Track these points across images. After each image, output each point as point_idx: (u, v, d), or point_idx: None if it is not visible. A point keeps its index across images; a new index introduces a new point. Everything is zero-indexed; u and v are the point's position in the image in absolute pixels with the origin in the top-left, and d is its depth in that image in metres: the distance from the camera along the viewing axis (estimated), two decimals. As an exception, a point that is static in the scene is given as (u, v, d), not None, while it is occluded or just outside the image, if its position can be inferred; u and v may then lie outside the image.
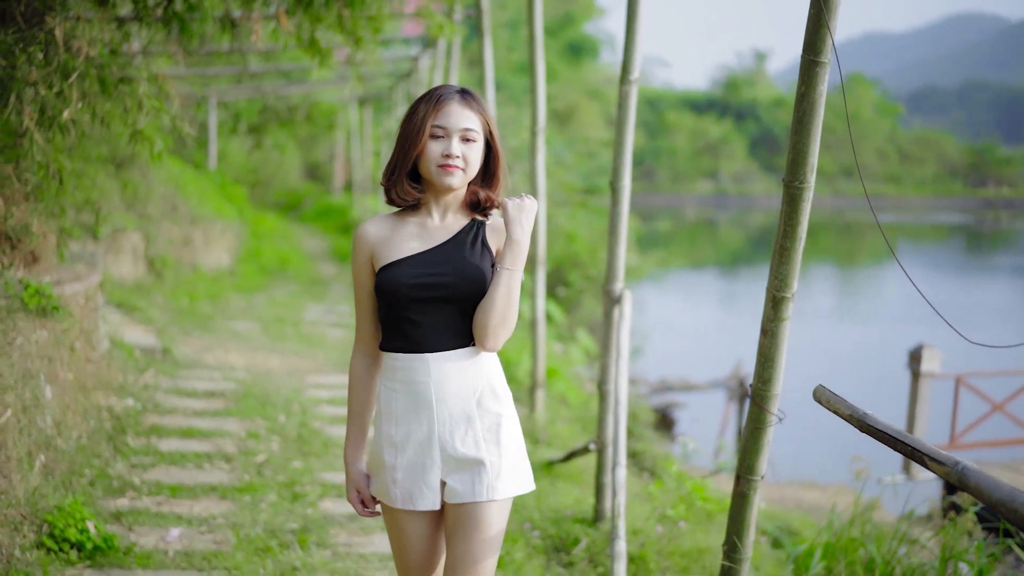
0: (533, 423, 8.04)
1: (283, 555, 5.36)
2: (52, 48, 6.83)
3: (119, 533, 5.47)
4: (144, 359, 9.60)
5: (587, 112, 59.79)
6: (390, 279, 3.14)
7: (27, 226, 7.01)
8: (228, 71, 19.91)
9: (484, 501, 3.15)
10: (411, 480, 3.19)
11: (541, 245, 8.13)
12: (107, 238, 12.91)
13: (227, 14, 8.64)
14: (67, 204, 8.30)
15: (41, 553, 4.97)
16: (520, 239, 3.12)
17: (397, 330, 3.18)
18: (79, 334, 7.21)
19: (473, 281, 3.13)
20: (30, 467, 5.48)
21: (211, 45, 11.96)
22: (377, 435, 3.27)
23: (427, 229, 3.23)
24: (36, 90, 6.74)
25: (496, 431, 3.20)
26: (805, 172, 3.53)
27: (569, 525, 5.77)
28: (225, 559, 5.27)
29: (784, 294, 3.68)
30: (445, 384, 3.15)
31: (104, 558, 5.13)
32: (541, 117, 7.80)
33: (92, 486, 6.07)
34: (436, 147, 3.13)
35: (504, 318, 3.12)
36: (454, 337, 3.16)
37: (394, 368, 3.20)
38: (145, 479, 6.49)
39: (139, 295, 12.65)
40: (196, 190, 17.56)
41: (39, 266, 7.17)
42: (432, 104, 3.14)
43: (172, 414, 8.15)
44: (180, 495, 6.28)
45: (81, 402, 6.94)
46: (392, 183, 3.21)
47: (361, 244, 3.24)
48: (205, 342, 11.41)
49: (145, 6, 7.85)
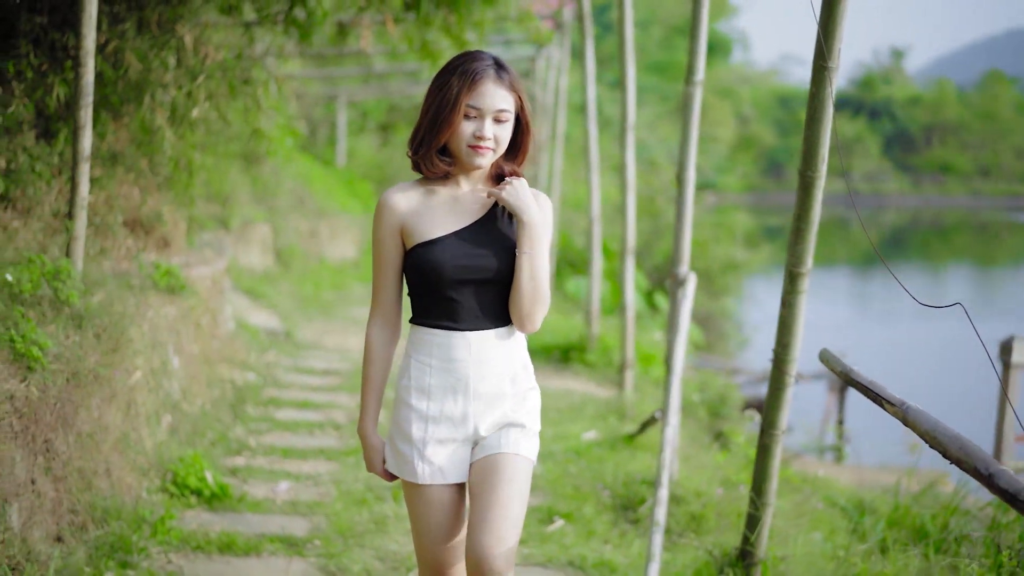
0: (621, 400, 8.55)
1: (377, 506, 5.97)
2: (182, 53, 7.57)
3: (234, 484, 6.15)
4: (268, 340, 10.38)
5: (717, 111, 59.63)
6: (429, 259, 3.12)
7: (159, 214, 7.76)
8: (355, 72, 20.78)
9: (511, 453, 3.18)
10: (442, 455, 3.19)
11: (630, 235, 8.63)
12: (238, 229, 13.77)
13: (339, 20, 9.32)
14: (197, 195, 9.07)
15: (165, 496, 5.68)
16: (531, 220, 3.11)
17: (436, 307, 3.17)
18: (205, 312, 7.94)
19: (509, 260, 3.15)
20: (157, 424, 6.20)
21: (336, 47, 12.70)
22: (403, 408, 3.24)
23: (459, 202, 3.20)
24: (168, 91, 7.49)
25: (523, 402, 3.25)
26: (817, 163, 4.01)
27: (637, 487, 6.28)
28: (326, 508, 5.91)
29: (800, 270, 4.15)
30: (484, 363, 3.17)
31: (219, 503, 5.82)
32: (631, 114, 8.28)
33: (213, 446, 6.77)
34: (468, 126, 3.09)
35: (535, 301, 3.13)
36: (493, 317, 3.18)
37: (430, 343, 3.19)
38: (261, 442, 7.18)
39: (266, 283, 13.47)
40: (323, 185, 18.43)
41: (170, 250, 7.92)
42: (467, 81, 3.07)
43: (289, 388, 8.87)
44: (291, 456, 6.95)
45: (206, 373, 7.67)
46: (420, 157, 3.17)
47: (388, 214, 3.19)
48: (325, 327, 12.18)
49: (267, 13, 8.56)
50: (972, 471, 2.61)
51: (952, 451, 2.72)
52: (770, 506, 4.48)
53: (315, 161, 20.62)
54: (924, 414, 2.96)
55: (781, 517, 5.78)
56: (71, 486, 4.81)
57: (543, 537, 5.59)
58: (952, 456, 2.72)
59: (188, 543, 5.15)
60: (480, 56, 3.13)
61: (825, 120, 3.96)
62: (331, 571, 5.02)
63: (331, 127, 23.90)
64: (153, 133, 7.45)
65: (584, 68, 10.51)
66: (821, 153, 3.99)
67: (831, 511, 6.75)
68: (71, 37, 6.59)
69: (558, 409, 8.37)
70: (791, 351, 4.25)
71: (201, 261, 8.35)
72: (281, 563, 5.06)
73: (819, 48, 3.88)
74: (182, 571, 4.86)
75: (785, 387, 4.30)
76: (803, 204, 4.06)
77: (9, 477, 4.20)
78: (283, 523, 5.62)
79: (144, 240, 7.61)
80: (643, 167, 20.83)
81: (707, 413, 8.95)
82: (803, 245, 4.12)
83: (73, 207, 5.67)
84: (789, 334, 4.23)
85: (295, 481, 6.39)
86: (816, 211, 4.08)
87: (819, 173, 4.01)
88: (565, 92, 14.93)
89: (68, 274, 5.30)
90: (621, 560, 5.23)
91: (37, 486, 4.47)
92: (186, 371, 7.13)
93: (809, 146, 4.00)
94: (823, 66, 3.88)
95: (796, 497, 6.68)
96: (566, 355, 10.64)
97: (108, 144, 7.30)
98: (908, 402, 3.06)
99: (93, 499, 4.98)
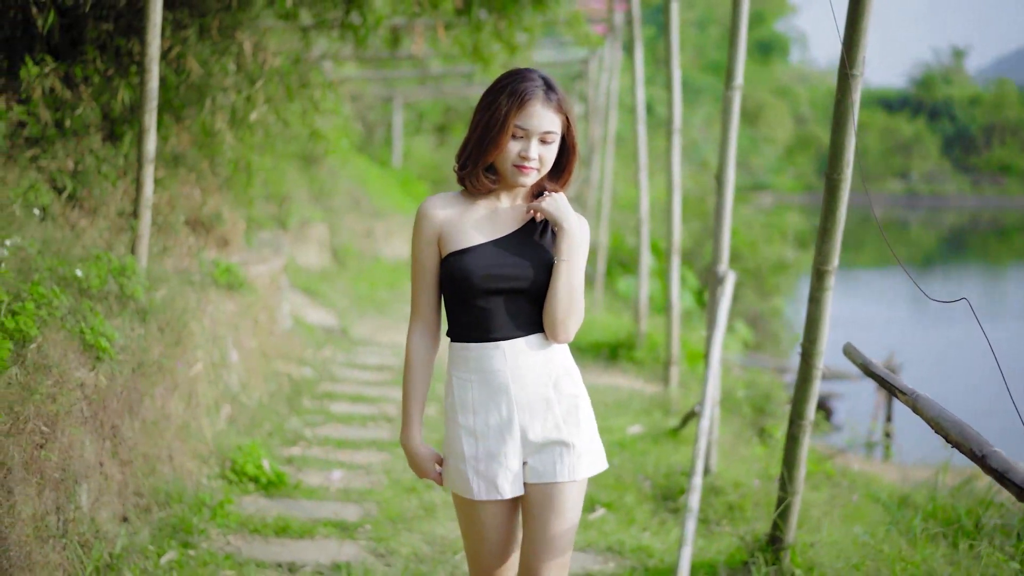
0: (666, 396, 8.74)
1: (426, 494, 6.22)
2: (241, 58, 7.86)
3: (289, 473, 6.42)
4: (324, 336, 10.67)
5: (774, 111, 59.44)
6: (461, 268, 3.15)
7: (219, 214, 8.06)
8: (411, 74, 21.10)
9: (566, 481, 3.20)
10: (493, 468, 3.18)
11: (676, 234, 8.81)
12: (295, 229, 14.10)
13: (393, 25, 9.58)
14: (256, 196, 9.38)
15: (224, 482, 5.96)
16: (571, 228, 3.14)
17: (469, 319, 3.20)
18: (263, 309, 8.23)
19: (544, 272, 3.17)
20: (217, 414, 6.48)
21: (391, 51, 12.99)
22: (452, 426, 3.25)
23: (497, 214, 3.24)
24: (228, 95, 7.78)
25: (575, 412, 3.23)
26: (842, 166, 4.20)
27: (678, 478, 6.48)
28: (377, 495, 6.16)
29: (826, 268, 4.34)
30: (522, 371, 3.17)
31: (275, 490, 6.09)
32: (677, 117, 8.45)
33: (270, 436, 7.05)
34: (515, 146, 3.12)
35: (570, 310, 3.15)
36: (527, 324, 3.19)
37: (467, 359, 3.21)
38: (316, 433, 7.44)
39: (323, 281, 13.78)
40: (379, 186, 18.76)
41: (229, 249, 8.22)
42: (516, 102, 3.09)
43: (344, 383, 9.14)
44: (344, 447, 7.20)
45: (263, 367, 7.96)
46: (467, 173, 3.22)
47: (426, 223, 3.23)
48: (379, 324, 12.46)
49: (323, 18, 8.85)
50: (968, 453, 2.80)
51: (953, 435, 2.91)
52: (798, 493, 4.67)
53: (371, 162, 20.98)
54: (931, 402, 3.14)
55: (817, 509, 5.95)
56: (136, 470, 5.09)
57: (585, 524, 5.80)
58: (952, 440, 2.91)
59: (246, 526, 5.43)
60: (529, 76, 3.15)
61: (850, 125, 4.14)
62: (381, 553, 5.27)
63: (387, 128, 24.26)
64: (214, 136, 7.75)
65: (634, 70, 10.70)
66: (846, 157, 4.18)
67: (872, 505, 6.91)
68: (135, 43, 6.89)
69: (605, 404, 8.58)
70: (818, 345, 4.43)
71: (259, 259, 8.64)
72: (333, 545, 5.31)
73: (843, 57, 4.07)
74: (240, 552, 5.13)
75: (812, 379, 4.48)
76: (829, 205, 4.25)
77: (79, 460, 4.48)
78: (336, 509, 5.88)
79: (205, 239, 7.91)
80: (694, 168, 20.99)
81: (751, 409, 9.10)
82: (830, 244, 4.30)
83: (138, 207, 5.95)
84: (816, 329, 4.42)
85: (348, 470, 6.65)
86: (842, 211, 4.26)
87: (844, 176, 4.19)
88: (616, 94, 15.10)
89: (133, 270, 5.58)
90: (658, 545, 5.44)
91: (105, 469, 4.76)
92: (244, 365, 7.42)
93: (835, 150, 4.19)
94: (847, 74, 4.07)
95: (834, 491, 6.84)
96: (614, 352, 10.85)
97: (171, 146, 7.61)
98: (918, 391, 3.24)
99: (156, 483, 5.27)
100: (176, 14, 7.32)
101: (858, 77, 4.07)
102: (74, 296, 5.04)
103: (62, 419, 4.31)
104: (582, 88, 20.22)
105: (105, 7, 6.81)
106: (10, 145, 6.17)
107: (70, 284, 5.10)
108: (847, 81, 4.07)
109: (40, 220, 5.73)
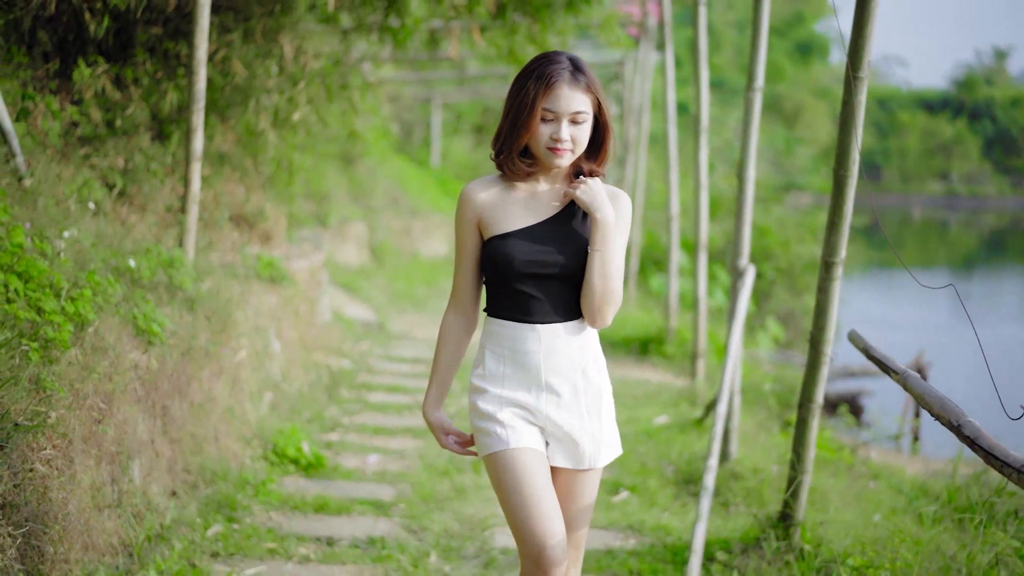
0: (693, 388, 8.99)
1: (458, 477, 6.51)
2: (283, 60, 8.19)
3: (328, 456, 6.73)
4: (362, 331, 11.01)
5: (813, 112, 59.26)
6: (502, 253, 3.21)
7: (262, 210, 8.39)
8: (449, 75, 21.42)
9: (585, 470, 3.32)
10: (518, 422, 3.24)
11: (703, 232, 9.06)
12: (335, 226, 14.45)
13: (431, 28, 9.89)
14: (297, 193, 9.72)
15: (265, 463, 6.28)
16: (603, 218, 3.17)
17: (507, 299, 3.26)
18: (303, 302, 8.56)
19: (581, 258, 3.21)
20: (259, 399, 6.81)
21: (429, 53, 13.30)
22: (478, 394, 3.31)
23: (536, 198, 3.29)
24: (271, 96, 8.11)
25: (598, 402, 3.30)
26: (849, 163, 4.45)
27: (699, 463, 6.73)
28: (411, 477, 6.47)
29: (833, 259, 4.59)
30: (554, 356, 3.23)
31: (314, 472, 6.41)
32: (704, 117, 8.69)
33: (309, 422, 7.36)
34: (546, 129, 3.16)
35: (605, 298, 3.19)
36: (564, 310, 3.25)
37: (502, 335, 3.28)
38: (353, 421, 7.75)
39: (362, 278, 14.12)
40: (417, 185, 19.10)
41: (271, 244, 8.55)
42: (542, 85, 3.13)
43: (381, 375, 9.46)
44: (380, 434, 7.51)
45: (303, 358, 8.29)
46: (503, 160, 3.26)
47: (467, 207, 3.29)
48: (416, 319, 12.79)
49: (363, 22, 9.16)
50: (947, 424, 3.05)
51: (935, 409, 3.17)
52: (808, 472, 4.93)
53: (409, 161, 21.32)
54: (919, 380, 3.41)
55: (836, 494, 6.19)
56: (184, 448, 5.42)
57: (608, 506, 6.08)
58: (935, 413, 3.17)
59: (286, 504, 5.75)
60: (556, 59, 3.18)
61: (856, 125, 4.38)
62: (413, 530, 5.57)
63: (426, 128, 24.60)
64: (257, 135, 8.07)
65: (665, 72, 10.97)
66: (852, 155, 4.42)
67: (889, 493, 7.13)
68: (183, 46, 7.23)
69: (634, 396, 8.85)
70: (826, 332, 4.69)
71: (300, 255, 8.97)
72: (369, 522, 5.61)
73: (849, 61, 4.32)
74: (280, 527, 5.44)
75: (821, 365, 4.74)
76: (836, 200, 4.50)
77: (133, 436, 4.80)
78: (371, 489, 6.19)
79: (248, 234, 8.24)
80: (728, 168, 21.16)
81: (777, 403, 9.34)
82: (837, 237, 4.55)
83: (186, 202, 6.28)
84: (824, 317, 4.67)
85: (383, 455, 6.95)
86: (848, 206, 4.51)
87: (851, 172, 4.44)
88: (650, 95, 15.34)
89: (181, 262, 5.91)
90: (677, 524, 5.72)
91: (156, 446, 5.08)
92: (285, 355, 7.75)
93: (842, 148, 4.44)
94: (854, 76, 4.32)
95: (853, 478, 7.08)
96: (645, 347, 11.12)
97: (216, 145, 7.94)
98: (909, 371, 3.51)
99: (203, 461, 5.60)
100: (221, 18, 7.64)
101: (863, 80, 4.32)
102: (127, 285, 5.36)
103: (117, 397, 4.64)
104: (618, 89, 20.47)
105: (154, 11, 7.14)
106: (64, 144, 6.50)
107: (123, 274, 5.42)
108: (854, 83, 4.32)
109: (93, 214, 6.06)
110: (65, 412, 4.09)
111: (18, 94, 6.14)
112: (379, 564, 5.03)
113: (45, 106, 6.37)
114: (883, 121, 79.35)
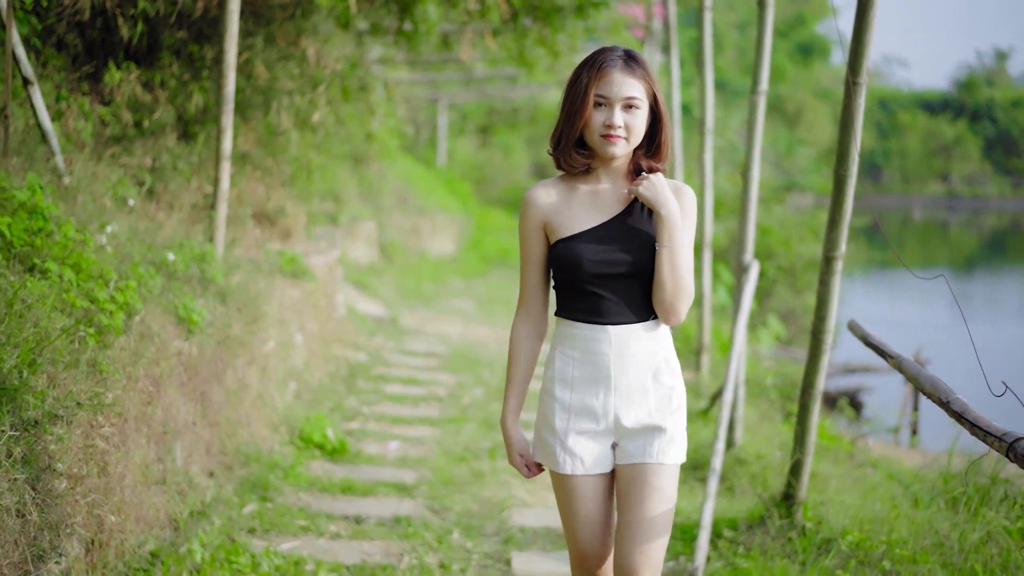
0: (698, 381, 9.31)
1: (475, 463, 6.83)
2: (304, 63, 8.49)
3: (350, 443, 7.04)
4: (375, 325, 11.33)
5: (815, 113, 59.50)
6: (571, 255, 3.18)
7: (283, 208, 8.71)
8: (456, 76, 21.71)
9: (657, 463, 3.21)
10: (581, 444, 3.22)
11: (708, 231, 9.37)
12: (346, 225, 14.75)
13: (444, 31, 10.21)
14: (314, 192, 10.04)
15: (293, 449, 6.60)
16: (668, 214, 3.13)
17: (578, 300, 3.22)
18: (322, 296, 8.87)
19: (650, 255, 3.18)
20: (285, 388, 7.13)
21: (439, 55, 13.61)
22: (547, 399, 3.29)
23: (600, 197, 3.26)
24: (292, 97, 8.42)
25: (668, 401, 3.23)
26: (848, 163, 4.75)
27: (705, 450, 7.03)
28: (431, 462, 6.78)
29: (834, 254, 4.89)
30: (625, 357, 3.19)
31: (339, 456, 6.73)
32: (709, 119, 9.00)
33: (331, 411, 7.67)
34: (599, 116, 3.14)
35: (676, 294, 3.14)
36: (636, 310, 3.21)
37: (573, 336, 3.24)
38: (372, 410, 8.07)
39: (372, 275, 14.42)
40: (424, 185, 19.40)
41: (291, 240, 8.86)
42: (594, 71, 3.13)
43: (396, 367, 9.78)
44: (399, 423, 7.83)
45: (323, 351, 8.61)
46: (560, 152, 3.24)
47: (532, 211, 3.26)
48: (427, 315, 13.12)
49: (379, 25, 9.47)
50: (938, 400, 3.36)
51: (927, 388, 3.48)
52: (809, 454, 5.24)
53: (417, 161, 21.62)
54: (912, 363, 3.73)
55: (835, 479, 6.50)
56: (221, 432, 5.75)
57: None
58: (926, 391, 3.48)
59: (315, 485, 6.07)
60: (610, 49, 3.19)
61: (855, 127, 4.68)
62: (436, 510, 5.88)
63: (432, 129, 24.91)
64: (279, 135, 8.38)
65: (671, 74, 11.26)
66: (852, 155, 4.72)
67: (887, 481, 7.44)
68: (208, 49, 7.54)
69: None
70: (827, 322, 4.99)
71: (317, 251, 9.28)
72: (393, 502, 5.93)
73: (849, 67, 4.63)
74: (310, 507, 5.75)
75: (822, 353, 5.05)
76: (837, 198, 4.80)
77: (177, 418, 5.11)
78: (394, 473, 6.50)
79: (269, 231, 8.55)
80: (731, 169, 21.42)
81: (779, 396, 9.64)
82: (837, 232, 4.85)
83: (215, 199, 6.58)
84: (825, 308, 4.97)
85: (403, 442, 7.26)
86: (848, 203, 4.81)
87: (850, 172, 4.74)
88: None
89: (212, 257, 6.22)
90: (685, 506, 6.02)
91: (196, 429, 5.40)
92: (307, 347, 8.07)
93: (842, 149, 4.74)
94: (853, 82, 4.62)
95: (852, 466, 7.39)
96: (651, 342, 11.42)
97: (238, 145, 8.23)
98: (903, 355, 3.82)
99: (237, 445, 5.93)
100: (244, 23, 7.93)
101: (862, 85, 4.62)
102: (165, 278, 5.67)
103: (164, 381, 4.96)
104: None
105: (182, 16, 7.43)
106: (95, 143, 6.81)
107: (160, 268, 5.73)
108: (852, 89, 4.63)
109: (130, 210, 6.36)
110: (120, 393, 4.40)
111: (52, 96, 6.44)
112: (406, 540, 5.35)
113: (78, 107, 6.68)
114: (884, 122, 79.47)
